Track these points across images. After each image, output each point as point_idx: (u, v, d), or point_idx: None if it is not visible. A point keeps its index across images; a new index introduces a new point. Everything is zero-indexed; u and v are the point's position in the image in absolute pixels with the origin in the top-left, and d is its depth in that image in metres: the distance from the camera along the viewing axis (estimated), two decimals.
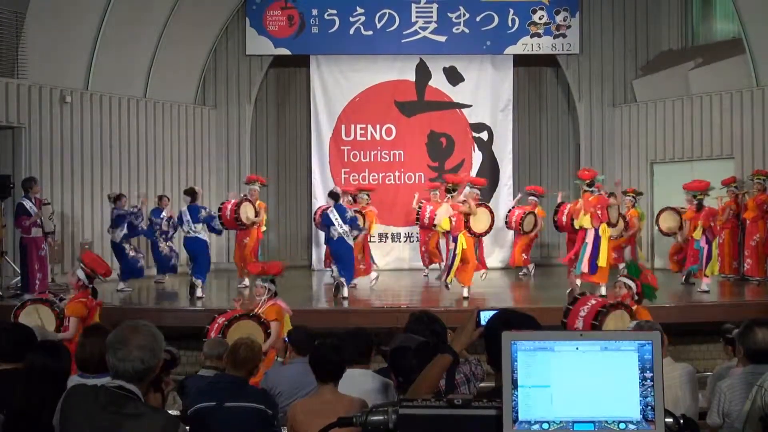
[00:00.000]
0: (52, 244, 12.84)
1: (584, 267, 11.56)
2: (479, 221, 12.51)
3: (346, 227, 12.24)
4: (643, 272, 8.40)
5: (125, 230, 13.37)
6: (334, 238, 12.31)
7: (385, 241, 17.08)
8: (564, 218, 12.36)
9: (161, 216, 14.23)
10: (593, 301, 8.13)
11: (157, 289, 14.09)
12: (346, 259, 12.30)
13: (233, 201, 13.46)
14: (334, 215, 12.27)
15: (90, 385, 3.14)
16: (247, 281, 13.42)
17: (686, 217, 13.38)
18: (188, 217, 12.72)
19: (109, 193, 14.12)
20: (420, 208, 14.82)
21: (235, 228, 13.58)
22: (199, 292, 12.54)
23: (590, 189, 11.77)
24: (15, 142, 13.81)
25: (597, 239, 11.58)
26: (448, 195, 12.55)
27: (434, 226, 13.42)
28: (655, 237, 16.04)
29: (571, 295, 8.89)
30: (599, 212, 11.57)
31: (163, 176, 16.18)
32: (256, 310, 8.53)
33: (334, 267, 12.43)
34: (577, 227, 11.97)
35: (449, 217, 12.04)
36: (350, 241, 12.39)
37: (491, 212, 12.99)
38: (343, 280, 12.11)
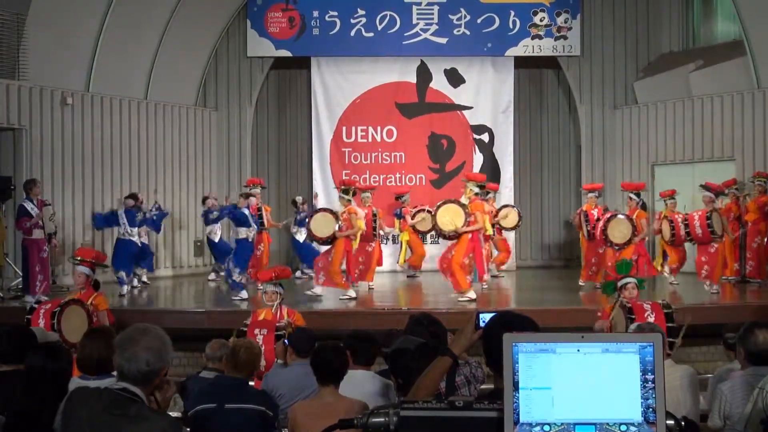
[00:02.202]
0: (54, 245, 12.84)
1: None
2: None
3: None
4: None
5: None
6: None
7: (386, 243, 17.05)
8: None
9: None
10: (647, 305, 8.04)
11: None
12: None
13: (254, 204, 13.45)
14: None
15: (93, 387, 3.14)
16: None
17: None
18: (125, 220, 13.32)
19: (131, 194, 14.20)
20: None
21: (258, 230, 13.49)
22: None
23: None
24: (16, 144, 13.81)
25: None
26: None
27: None
28: (656, 239, 16.01)
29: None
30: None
31: (164, 178, 16.18)
32: (277, 318, 8.43)
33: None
34: None
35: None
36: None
37: None
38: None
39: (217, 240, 14.71)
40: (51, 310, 8.50)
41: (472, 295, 11.77)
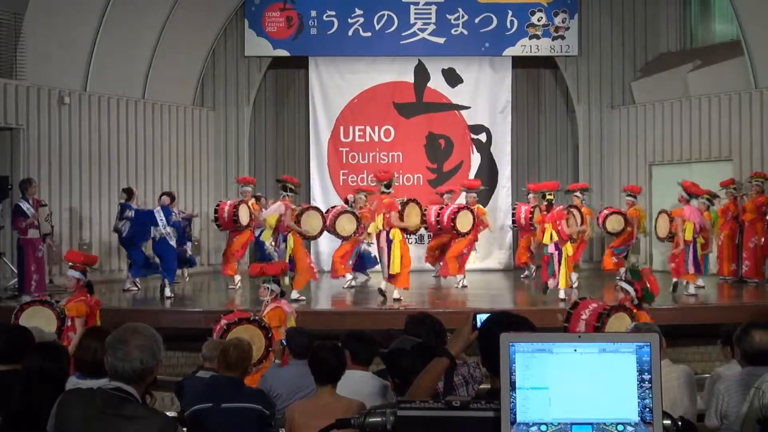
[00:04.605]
0: (50, 245, 12.83)
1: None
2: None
3: (169, 229, 12.92)
4: (643, 276, 8.42)
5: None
6: (156, 239, 12.99)
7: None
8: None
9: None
10: (594, 305, 8.14)
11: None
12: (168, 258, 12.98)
13: (230, 202, 13.66)
14: (159, 216, 12.87)
15: (86, 388, 3.13)
16: (238, 278, 13.65)
17: (537, 221, 12.80)
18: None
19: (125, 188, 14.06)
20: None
21: (232, 228, 13.66)
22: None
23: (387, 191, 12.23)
24: (13, 144, 13.80)
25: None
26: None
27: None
28: (653, 239, 16.02)
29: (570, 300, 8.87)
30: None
31: (162, 178, 16.17)
32: (261, 313, 8.45)
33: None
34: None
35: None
36: (172, 243, 13.03)
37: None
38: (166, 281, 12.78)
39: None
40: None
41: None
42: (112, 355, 3.01)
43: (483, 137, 17.64)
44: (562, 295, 11.76)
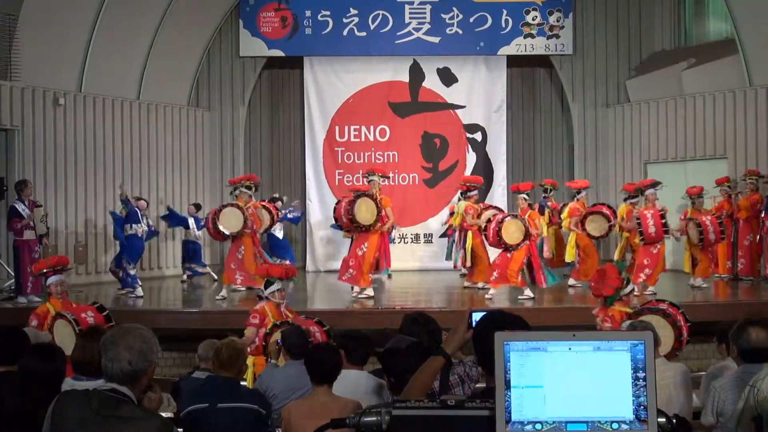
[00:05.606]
0: (46, 245, 12.81)
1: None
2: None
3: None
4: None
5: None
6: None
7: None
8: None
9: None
10: (664, 305, 7.95)
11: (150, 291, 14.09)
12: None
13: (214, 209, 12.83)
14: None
15: (81, 390, 3.12)
16: (224, 292, 12.30)
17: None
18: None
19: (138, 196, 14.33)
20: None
21: (219, 239, 12.90)
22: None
23: None
24: (8, 145, 13.78)
25: None
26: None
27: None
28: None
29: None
30: None
31: (157, 178, 16.15)
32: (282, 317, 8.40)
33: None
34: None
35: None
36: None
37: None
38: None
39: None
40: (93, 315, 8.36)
41: (370, 292, 11.98)
42: (104, 356, 3.01)
43: (478, 136, 17.64)
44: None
